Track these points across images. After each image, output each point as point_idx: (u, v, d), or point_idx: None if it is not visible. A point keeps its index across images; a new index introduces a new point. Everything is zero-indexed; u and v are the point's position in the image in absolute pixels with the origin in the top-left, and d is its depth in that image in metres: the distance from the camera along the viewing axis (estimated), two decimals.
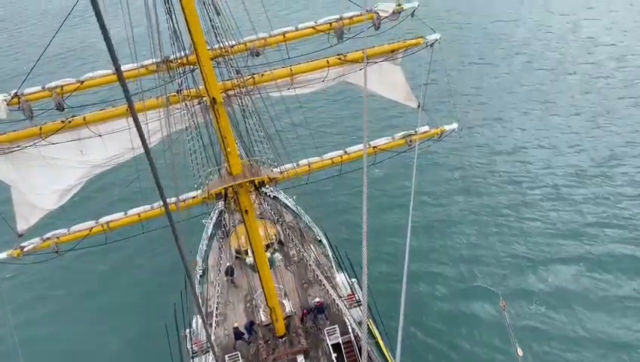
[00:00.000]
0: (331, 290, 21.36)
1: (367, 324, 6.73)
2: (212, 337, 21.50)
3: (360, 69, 16.26)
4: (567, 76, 53.08)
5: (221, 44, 14.28)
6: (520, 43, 62.23)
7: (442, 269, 30.21)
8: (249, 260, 22.85)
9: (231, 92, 15.41)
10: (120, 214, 17.29)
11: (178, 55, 13.82)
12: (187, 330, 21.45)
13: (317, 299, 21.94)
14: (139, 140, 14.79)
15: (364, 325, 6.00)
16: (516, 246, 31.41)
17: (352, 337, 20.56)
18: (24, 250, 16.16)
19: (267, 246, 23.34)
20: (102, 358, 26.96)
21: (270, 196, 28.86)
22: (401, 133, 18.89)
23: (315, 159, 18.58)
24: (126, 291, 30.34)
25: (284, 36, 15.20)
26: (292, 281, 24.17)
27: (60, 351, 27.34)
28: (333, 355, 20.00)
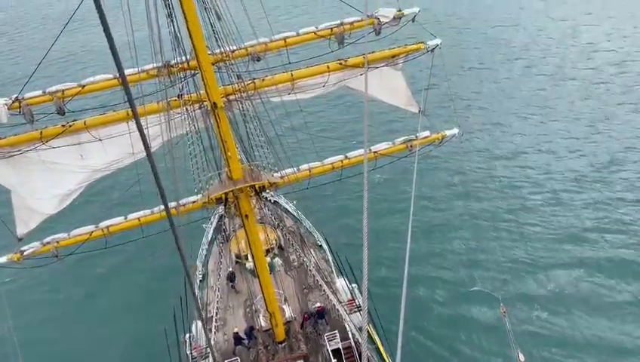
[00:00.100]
0: (331, 295, 21.30)
1: (367, 330, 6.70)
2: (212, 342, 21.44)
3: (361, 74, 16.26)
4: (566, 82, 53.24)
5: (222, 49, 14.28)
6: (520, 48, 62.45)
7: (442, 274, 30.15)
8: (249, 265, 22.81)
9: (232, 97, 15.41)
10: (120, 218, 17.28)
11: (179, 60, 13.83)
12: (187, 335, 21.39)
13: (318, 304, 21.87)
14: (139, 145, 14.79)
15: (364, 331, 5.98)
16: (516, 251, 31.36)
17: (353, 343, 20.48)
18: (24, 254, 16.14)
19: (267, 251, 23.31)
20: None
21: (270, 201, 28.84)
22: (401, 139, 18.87)
23: (316, 164, 18.55)
24: (125, 295, 30.27)
25: (285, 41, 15.22)
26: (292, 286, 24.11)
27: (60, 355, 27.25)
28: (333, 361, 19.92)
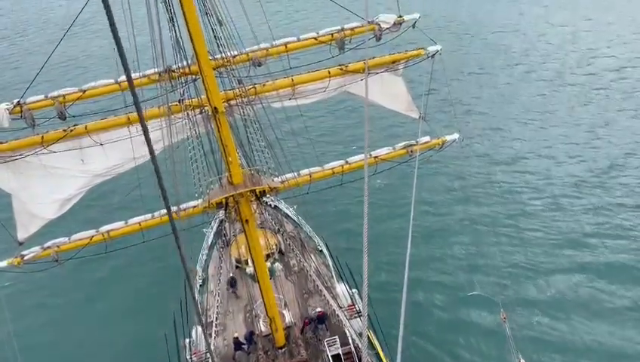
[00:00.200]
0: (332, 301, 21.26)
1: (367, 335, 6.71)
2: (211, 347, 21.39)
3: (361, 80, 16.31)
4: (566, 87, 53.30)
5: (223, 54, 14.33)
6: (520, 54, 62.56)
7: (443, 278, 30.11)
8: (249, 270, 22.77)
9: (233, 102, 15.44)
10: (121, 223, 17.27)
11: (180, 65, 13.88)
12: (187, 340, 21.35)
13: (318, 309, 21.83)
14: (140, 149, 14.73)
15: (364, 336, 5.99)
16: (516, 256, 31.33)
17: (353, 348, 20.42)
18: (24, 259, 16.12)
19: (267, 255, 23.26)
20: None
21: (271, 205, 28.84)
22: (402, 144, 18.89)
23: (317, 169, 18.58)
24: (125, 300, 30.22)
25: (286, 47, 15.26)
26: (292, 291, 24.07)
27: (60, 359, 27.17)
28: None
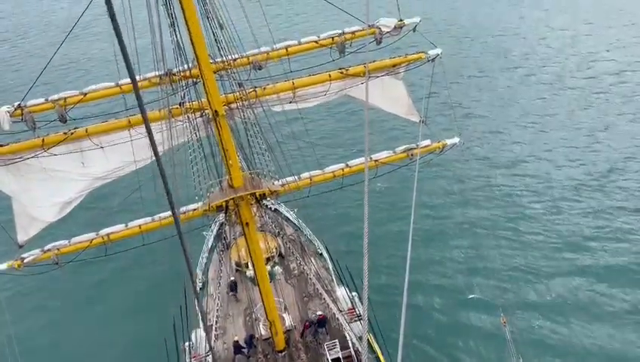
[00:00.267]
0: (332, 304, 21.24)
1: (367, 339, 6.69)
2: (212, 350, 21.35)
3: (362, 83, 16.30)
4: (566, 91, 53.36)
5: (224, 58, 14.36)
6: (520, 57, 62.66)
7: (443, 282, 30.06)
8: (249, 273, 22.76)
9: (233, 105, 15.46)
10: (121, 226, 17.26)
11: (181, 68, 13.91)
12: (186, 343, 21.31)
13: (318, 313, 21.79)
14: (140, 152, 14.71)
15: (364, 340, 5.97)
16: (516, 259, 31.29)
17: (353, 352, 20.38)
18: (24, 261, 16.13)
19: (267, 259, 23.26)
20: None
21: (271, 209, 28.84)
22: (402, 147, 18.88)
23: (317, 172, 18.56)
24: (125, 303, 30.15)
25: (286, 50, 15.29)
26: (292, 295, 24.04)
27: None
28: None
